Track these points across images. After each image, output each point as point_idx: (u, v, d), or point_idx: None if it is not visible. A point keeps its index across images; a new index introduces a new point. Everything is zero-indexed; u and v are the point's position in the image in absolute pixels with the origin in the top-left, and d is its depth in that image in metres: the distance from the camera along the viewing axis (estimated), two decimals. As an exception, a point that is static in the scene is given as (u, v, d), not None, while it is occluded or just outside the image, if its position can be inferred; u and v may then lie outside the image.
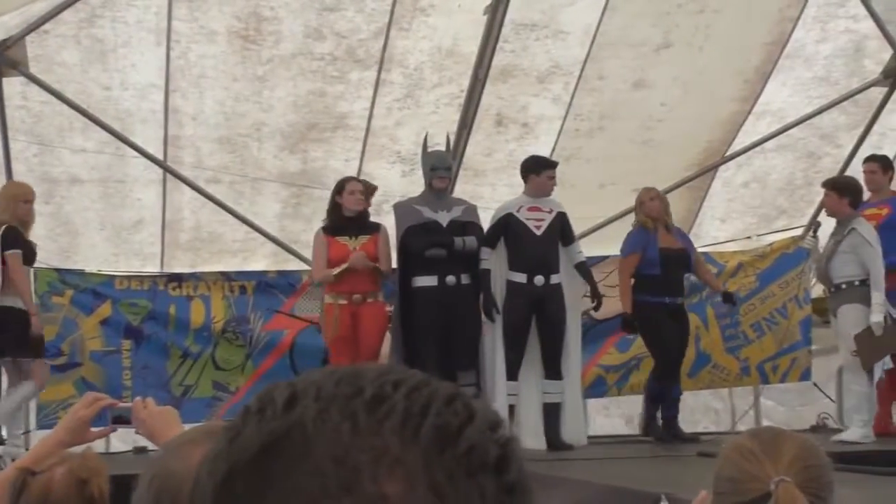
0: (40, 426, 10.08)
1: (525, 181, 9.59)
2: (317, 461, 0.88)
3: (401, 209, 9.54)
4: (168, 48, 10.15)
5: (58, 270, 10.66)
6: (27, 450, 8.05)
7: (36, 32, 10.00)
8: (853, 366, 9.23)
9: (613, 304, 10.71)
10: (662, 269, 9.78)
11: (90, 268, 10.74)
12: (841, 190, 9.51)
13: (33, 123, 10.51)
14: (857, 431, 9.06)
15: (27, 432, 10.28)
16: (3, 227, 9.24)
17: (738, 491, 2.44)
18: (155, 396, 9.90)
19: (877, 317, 9.03)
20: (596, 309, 9.92)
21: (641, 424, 10.49)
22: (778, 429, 2.74)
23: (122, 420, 3.16)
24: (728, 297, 10.26)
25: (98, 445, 3.29)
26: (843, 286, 9.33)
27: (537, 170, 9.54)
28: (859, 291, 9.19)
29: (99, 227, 11.01)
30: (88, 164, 10.72)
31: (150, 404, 3.11)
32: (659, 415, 9.93)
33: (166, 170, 10.85)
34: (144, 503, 2.09)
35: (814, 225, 10.01)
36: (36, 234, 10.54)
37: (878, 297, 9.08)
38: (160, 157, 10.78)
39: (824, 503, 2.43)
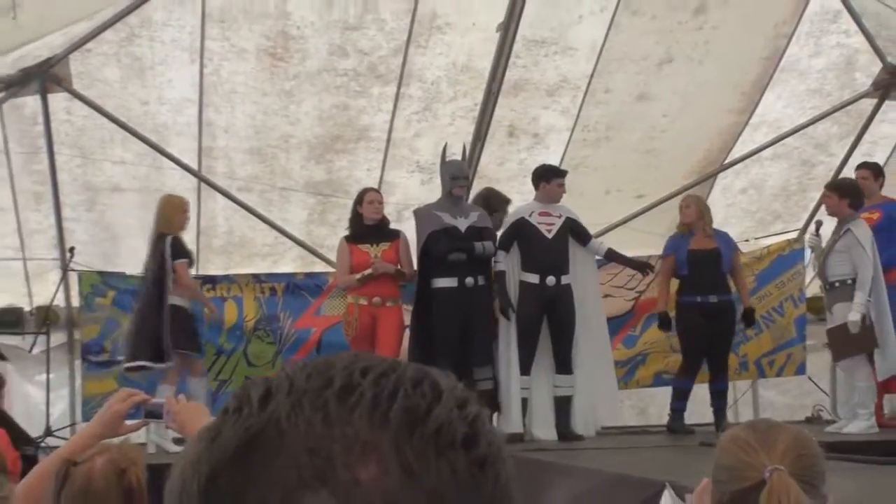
0: (85, 418, 10.09)
1: (536, 188, 9.59)
2: (292, 453, 0.87)
3: (422, 214, 9.54)
4: (201, 65, 10.17)
5: (100, 273, 10.70)
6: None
7: (79, 51, 10.04)
8: (858, 362, 9.18)
9: (618, 304, 10.73)
10: (690, 269, 9.80)
11: (130, 270, 10.74)
12: (841, 191, 9.46)
13: (77, 136, 10.53)
14: (862, 423, 9.01)
15: (73, 424, 10.32)
16: (170, 237, 9.43)
17: (735, 479, 2.44)
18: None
19: (854, 316, 8.94)
20: (645, 275, 10.34)
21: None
22: (773, 421, 2.74)
23: (154, 415, 3.16)
24: (748, 317, 10.13)
25: (139, 436, 3.30)
26: (837, 284, 9.27)
27: (548, 177, 9.55)
28: (851, 290, 9.12)
29: (138, 233, 11.00)
30: (128, 174, 10.75)
31: (181, 399, 3.11)
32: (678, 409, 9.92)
33: (201, 179, 10.87)
34: (175, 494, 2.09)
35: (816, 224, 9.96)
36: (79, 239, 10.64)
37: (859, 296, 8.99)
38: (195, 167, 10.81)
39: (816, 490, 2.43)
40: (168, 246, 9.39)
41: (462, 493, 0.89)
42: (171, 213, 9.53)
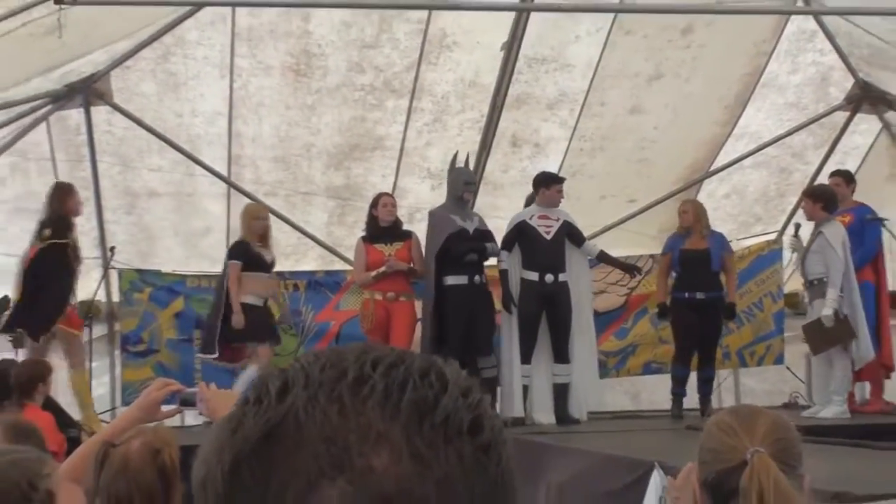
0: (124, 403, 10.10)
1: (536, 193, 9.59)
2: (311, 444, 0.87)
3: (438, 216, 9.52)
4: (231, 81, 10.18)
5: (138, 271, 10.71)
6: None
7: (119, 68, 10.07)
8: (836, 353, 9.17)
9: (610, 300, 10.72)
10: (682, 268, 9.89)
11: (166, 268, 10.77)
12: (815, 197, 9.50)
13: (117, 146, 10.55)
14: (836, 409, 9.01)
15: (114, 409, 10.33)
16: (237, 241, 9.67)
17: (719, 460, 2.44)
18: (221, 378, 9.96)
19: (827, 311, 9.00)
20: (633, 277, 10.32)
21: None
22: (754, 406, 2.74)
23: (188, 403, 3.16)
24: (729, 310, 10.09)
25: (173, 420, 3.31)
26: (815, 282, 9.31)
27: (548, 184, 9.55)
28: (826, 288, 9.14)
29: (173, 234, 11.04)
30: (164, 180, 10.75)
31: (212, 387, 3.12)
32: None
33: (230, 185, 10.87)
34: (199, 481, 2.08)
35: (795, 226, 9.96)
36: (119, 239, 10.64)
37: (831, 293, 9.03)
38: (225, 174, 10.81)
39: (794, 471, 2.43)
40: (229, 248, 9.64)
41: (468, 477, 0.89)
42: (245, 220, 9.68)
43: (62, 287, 9.19)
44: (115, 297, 10.83)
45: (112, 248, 10.42)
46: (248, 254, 9.55)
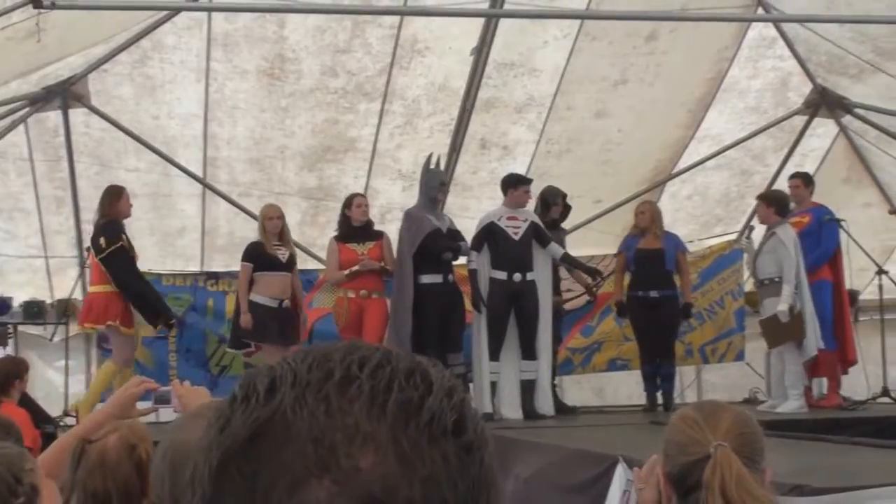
0: (102, 399, 10.03)
1: (505, 194, 9.58)
2: (298, 443, 0.86)
3: (415, 216, 9.47)
4: (207, 84, 10.14)
5: (115, 270, 10.63)
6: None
7: (97, 71, 10.02)
8: (790, 349, 9.22)
9: (578, 298, 10.72)
10: (637, 266, 9.93)
11: (142, 267, 10.69)
12: (768, 201, 9.56)
13: (94, 147, 10.49)
14: (794, 403, 9.06)
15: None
16: (250, 243, 9.62)
17: (684, 453, 2.45)
18: (196, 374, 9.92)
19: (782, 306, 9.06)
20: (597, 283, 10.19)
21: None
22: (718, 402, 2.76)
23: (162, 401, 3.14)
24: (685, 311, 10.14)
25: (148, 416, 3.29)
26: (766, 282, 9.37)
27: (516, 185, 9.53)
28: (778, 287, 9.21)
29: (149, 234, 10.97)
30: (141, 181, 10.68)
31: (186, 385, 3.10)
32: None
33: (205, 185, 10.83)
34: (161, 474, 2.06)
35: (748, 228, 10.02)
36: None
37: (786, 289, 9.09)
38: (200, 175, 10.77)
39: (756, 465, 2.44)
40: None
41: (452, 477, 0.88)
42: (260, 221, 9.61)
43: (138, 280, 9.48)
44: (93, 296, 10.75)
45: (89, 248, 10.34)
46: (260, 255, 9.47)
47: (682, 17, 9.81)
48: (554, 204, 9.94)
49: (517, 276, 9.30)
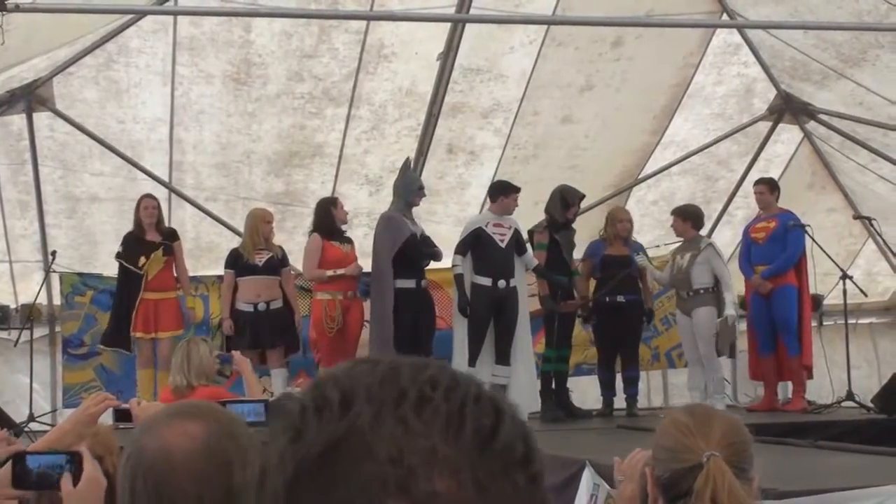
0: (66, 405, 9.91)
1: (493, 201, 9.51)
2: (376, 462, 0.86)
3: (395, 220, 9.31)
4: (173, 88, 10.07)
5: (80, 274, 10.54)
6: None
7: (62, 74, 9.94)
8: (712, 356, 9.48)
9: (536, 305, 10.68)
10: (603, 272, 9.96)
11: (107, 272, 10.56)
12: (685, 216, 9.81)
13: (59, 151, 10.39)
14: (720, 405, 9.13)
15: (54, 410, 10.14)
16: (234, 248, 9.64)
17: (675, 459, 2.43)
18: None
19: (730, 310, 9.35)
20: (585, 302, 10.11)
21: None
22: (710, 408, 2.77)
23: (123, 418, 3.13)
24: (649, 315, 10.25)
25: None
26: (701, 291, 9.55)
27: (507, 192, 9.45)
28: (712, 296, 9.51)
29: (115, 238, 10.81)
30: (106, 185, 10.61)
31: (141, 402, 3.10)
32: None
33: (171, 190, 10.74)
34: (124, 480, 1.98)
35: (640, 248, 10.16)
36: (60, 243, 10.47)
37: (729, 296, 9.41)
38: (166, 179, 10.68)
39: (746, 474, 2.42)
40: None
41: None
42: (254, 222, 9.56)
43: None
44: (57, 301, 10.66)
45: (53, 253, 10.19)
46: (238, 262, 9.45)
47: (647, 24, 9.83)
48: (573, 204, 9.88)
49: (501, 283, 9.24)
